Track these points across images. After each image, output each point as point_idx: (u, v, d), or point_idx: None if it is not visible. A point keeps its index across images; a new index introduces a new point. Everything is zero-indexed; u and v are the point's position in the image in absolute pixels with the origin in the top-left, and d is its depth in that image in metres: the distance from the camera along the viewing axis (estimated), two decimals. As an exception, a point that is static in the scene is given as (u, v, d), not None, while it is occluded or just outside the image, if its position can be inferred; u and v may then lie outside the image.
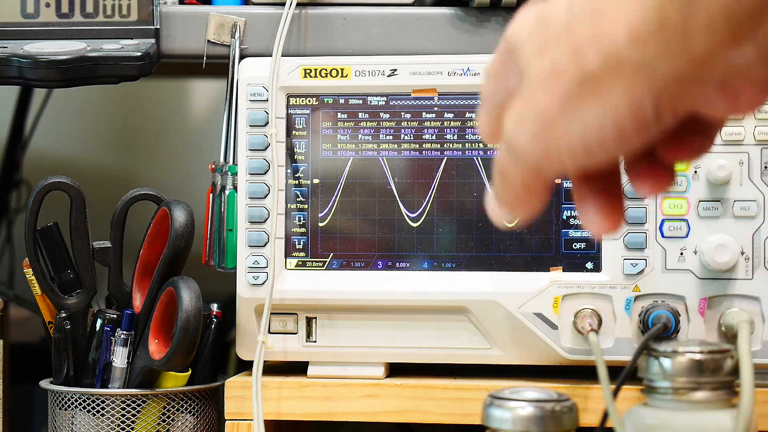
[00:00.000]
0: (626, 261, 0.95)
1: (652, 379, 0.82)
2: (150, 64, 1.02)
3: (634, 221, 0.95)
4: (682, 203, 0.95)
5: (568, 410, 0.82)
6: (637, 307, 0.95)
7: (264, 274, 0.98)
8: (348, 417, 0.97)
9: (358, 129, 0.99)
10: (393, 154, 0.99)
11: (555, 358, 0.96)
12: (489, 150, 0.98)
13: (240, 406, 0.97)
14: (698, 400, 0.81)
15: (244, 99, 0.99)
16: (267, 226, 0.98)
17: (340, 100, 0.99)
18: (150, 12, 1.06)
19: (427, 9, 1.08)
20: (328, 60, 1.00)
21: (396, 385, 0.96)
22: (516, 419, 0.80)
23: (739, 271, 0.94)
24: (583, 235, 0.97)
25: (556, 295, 0.95)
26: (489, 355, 0.97)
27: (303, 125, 1.00)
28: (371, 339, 0.98)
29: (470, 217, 0.98)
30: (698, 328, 0.94)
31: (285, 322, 0.99)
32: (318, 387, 0.97)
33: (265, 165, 0.98)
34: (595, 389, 0.94)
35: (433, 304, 0.97)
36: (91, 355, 1.01)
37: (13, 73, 1.01)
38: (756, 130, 0.94)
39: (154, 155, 1.76)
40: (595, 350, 0.90)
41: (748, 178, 0.94)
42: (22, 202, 1.57)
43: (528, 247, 0.97)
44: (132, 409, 0.99)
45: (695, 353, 0.81)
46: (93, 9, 1.06)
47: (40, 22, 1.05)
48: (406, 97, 0.99)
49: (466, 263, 0.98)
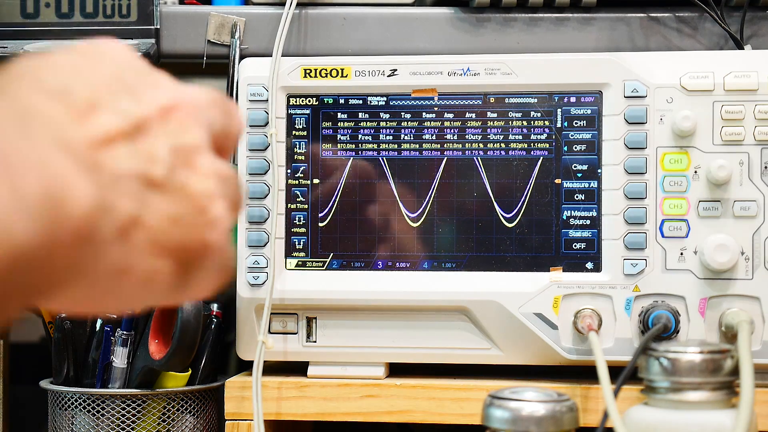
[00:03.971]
0: (626, 261, 0.95)
1: (652, 379, 0.83)
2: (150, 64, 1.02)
3: (634, 221, 0.95)
4: (682, 203, 0.95)
5: (568, 410, 0.82)
6: (637, 307, 0.95)
7: (264, 274, 0.98)
8: (348, 417, 0.97)
9: (358, 129, 0.99)
10: (393, 154, 0.99)
11: (555, 358, 0.96)
12: (489, 150, 0.98)
13: (240, 406, 0.97)
14: (698, 400, 0.81)
15: (244, 99, 0.99)
16: (267, 226, 0.98)
17: (340, 100, 0.99)
18: (150, 12, 1.06)
19: (427, 9, 1.08)
20: (328, 60, 1.00)
21: (396, 385, 0.96)
22: (516, 419, 0.80)
23: (739, 271, 0.94)
24: (583, 235, 0.97)
25: (556, 295, 0.96)
26: (489, 355, 0.97)
27: (303, 125, 1.00)
28: (371, 339, 0.98)
29: (470, 217, 0.98)
30: (698, 328, 0.94)
31: (285, 322, 0.99)
32: (318, 387, 0.97)
33: (265, 165, 0.98)
34: (595, 389, 0.94)
35: (433, 304, 0.97)
36: (91, 355, 1.01)
37: (13, 73, 1.01)
38: (756, 130, 0.94)
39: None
40: (595, 350, 0.90)
41: (748, 178, 0.94)
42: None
43: (528, 247, 0.97)
44: (132, 409, 0.99)
45: (695, 353, 0.81)
46: (93, 9, 1.06)
47: (40, 22, 1.05)
48: (406, 97, 0.99)
49: (466, 263, 0.98)
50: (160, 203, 0.52)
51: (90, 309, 0.56)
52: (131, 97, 0.53)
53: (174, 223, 0.53)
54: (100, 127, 0.50)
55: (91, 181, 0.48)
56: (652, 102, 0.95)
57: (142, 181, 0.51)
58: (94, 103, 0.51)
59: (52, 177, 0.45)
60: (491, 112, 0.98)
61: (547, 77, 0.97)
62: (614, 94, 0.96)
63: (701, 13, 1.05)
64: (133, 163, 0.50)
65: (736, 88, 0.94)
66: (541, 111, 0.98)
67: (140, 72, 0.56)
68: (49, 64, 0.53)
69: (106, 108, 0.51)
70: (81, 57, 0.54)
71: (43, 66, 0.53)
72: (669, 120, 0.95)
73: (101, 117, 0.51)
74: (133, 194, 0.50)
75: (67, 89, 0.51)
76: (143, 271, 0.52)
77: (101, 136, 0.50)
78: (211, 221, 0.54)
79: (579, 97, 0.97)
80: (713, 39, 1.06)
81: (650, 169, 0.95)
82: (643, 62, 0.96)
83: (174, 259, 0.53)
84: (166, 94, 0.55)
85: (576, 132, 0.97)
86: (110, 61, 0.55)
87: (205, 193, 0.54)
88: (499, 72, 0.98)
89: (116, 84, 0.53)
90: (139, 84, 0.54)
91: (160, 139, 0.53)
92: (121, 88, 0.53)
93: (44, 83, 0.51)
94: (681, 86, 0.95)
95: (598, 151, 0.96)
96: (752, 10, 1.05)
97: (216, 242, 0.55)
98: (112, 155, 0.50)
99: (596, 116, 0.97)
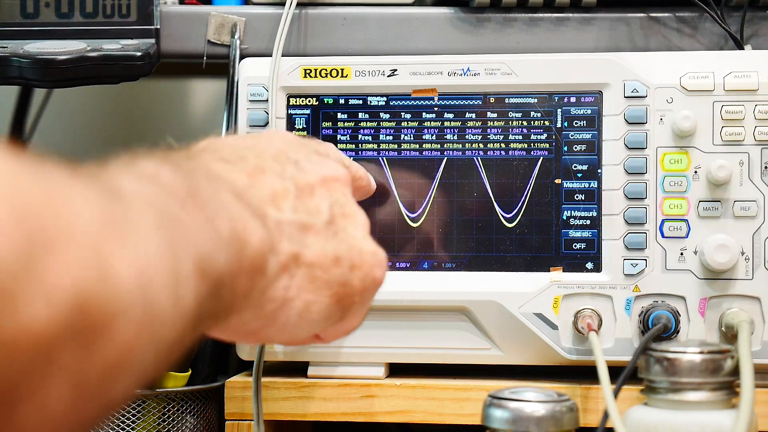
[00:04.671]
0: (626, 261, 0.95)
1: (652, 379, 0.83)
2: (150, 64, 1.02)
3: (634, 221, 0.95)
4: (682, 203, 0.95)
5: (568, 410, 0.82)
6: (637, 307, 0.95)
7: (264, 274, 0.98)
8: (348, 417, 0.97)
9: (358, 129, 0.99)
10: (393, 154, 0.99)
11: (555, 358, 0.96)
12: (489, 150, 0.98)
13: (240, 406, 0.97)
14: (698, 400, 0.81)
15: (244, 99, 0.99)
16: (267, 226, 0.98)
17: (340, 100, 0.99)
18: (150, 12, 1.05)
19: (427, 9, 1.08)
20: (328, 60, 1.00)
21: (396, 385, 0.96)
22: (516, 419, 0.80)
23: (739, 271, 0.94)
24: (583, 236, 0.97)
25: (556, 295, 0.95)
26: (489, 355, 0.97)
27: (303, 125, 1.00)
28: (371, 339, 0.98)
29: (470, 217, 0.98)
30: (698, 328, 0.94)
31: (285, 322, 0.99)
32: (318, 387, 0.97)
33: (265, 165, 0.98)
34: (595, 389, 0.94)
35: (433, 304, 0.97)
36: (91, 355, 1.00)
37: (13, 73, 1.01)
38: (756, 130, 0.94)
39: (154, 155, 1.76)
40: (595, 350, 0.90)
41: (748, 178, 0.94)
42: (22, 202, 1.56)
43: (528, 247, 0.97)
44: (132, 409, 0.99)
45: (695, 353, 0.81)
46: (93, 9, 1.06)
47: (40, 22, 1.05)
48: (406, 97, 0.99)
49: (466, 263, 0.98)
50: (321, 246, 0.63)
51: (255, 337, 0.68)
52: (295, 167, 0.65)
53: (335, 263, 0.64)
54: (267, 186, 0.62)
55: (261, 225, 0.57)
56: (652, 102, 0.95)
57: (303, 227, 0.62)
58: (264, 168, 0.62)
59: (236, 220, 0.54)
60: (491, 112, 0.98)
61: (547, 77, 0.97)
62: (614, 94, 0.96)
63: (701, 13, 1.05)
64: (295, 215, 0.62)
65: (736, 88, 0.94)
66: (541, 111, 0.98)
67: (307, 149, 0.69)
68: (226, 143, 0.66)
69: (272, 173, 0.63)
70: (253, 138, 0.68)
71: (220, 143, 0.65)
72: (669, 120, 0.95)
73: (268, 178, 0.62)
74: (294, 238, 0.61)
75: (242, 159, 0.62)
76: (302, 302, 0.62)
77: (268, 193, 0.61)
78: (365, 262, 0.67)
79: (579, 97, 0.97)
80: (713, 39, 1.06)
81: (650, 169, 0.95)
82: (643, 62, 0.96)
83: (332, 294, 0.63)
84: (328, 168, 0.67)
85: (576, 132, 0.97)
86: (279, 140, 0.68)
87: (359, 237, 0.66)
88: (499, 72, 0.98)
89: (282, 156, 0.65)
90: (302, 158, 0.67)
91: (322, 199, 0.65)
92: (285, 159, 0.65)
93: (223, 154, 0.62)
94: (681, 86, 0.95)
95: (598, 151, 0.96)
96: (752, 10, 1.05)
97: (368, 281, 0.68)
98: (277, 207, 0.61)
99: (596, 116, 0.97)
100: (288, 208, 0.62)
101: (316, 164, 0.67)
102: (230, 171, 0.60)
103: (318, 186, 0.65)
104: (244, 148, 0.64)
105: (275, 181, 0.62)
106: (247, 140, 0.67)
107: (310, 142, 0.72)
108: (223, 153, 0.62)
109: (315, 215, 0.63)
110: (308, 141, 0.72)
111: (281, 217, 0.61)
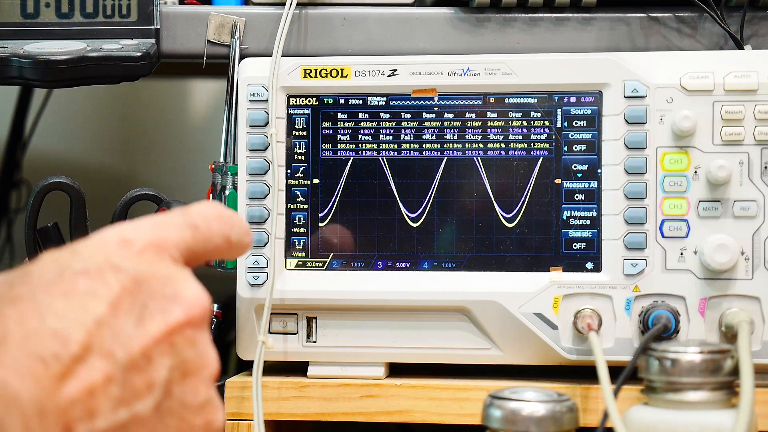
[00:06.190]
0: (626, 261, 0.95)
1: (652, 379, 0.83)
2: (150, 64, 1.03)
3: (634, 221, 0.95)
4: (682, 203, 0.95)
5: (568, 410, 0.82)
6: (637, 307, 0.95)
7: (264, 274, 0.98)
8: (348, 417, 0.97)
9: (358, 129, 0.99)
10: (393, 154, 0.99)
11: (555, 358, 0.96)
12: (489, 150, 0.98)
13: (240, 406, 0.97)
14: (698, 400, 0.81)
15: (244, 99, 0.99)
16: (267, 226, 0.98)
17: (340, 100, 0.99)
18: (150, 12, 1.06)
19: (427, 9, 1.08)
20: (328, 60, 1.00)
21: (396, 385, 0.96)
22: (516, 419, 0.80)
23: (739, 271, 0.94)
24: (583, 235, 0.97)
25: (556, 295, 0.96)
26: (489, 355, 0.97)
27: (303, 125, 1.00)
28: (371, 339, 0.98)
29: (470, 217, 0.98)
30: (698, 328, 0.94)
31: (285, 322, 0.99)
32: (318, 387, 0.97)
33: (265, 165, 0.98)
34: (595, 389, 0.94)
35: (433, 304, 0.97)
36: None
37: (13, 73, 1.01)
38: (756, 130, 0.94)
39: (154, 155, 1.76)
40: (595, 350, 0.90)
41: (748, 178, 0.94)
42: (22, 202, 1.57)
43: (528, 247, 0.97)
44: (132, 409, 0.98)
45: (695, 353, 0.81)
46: (93, 9, 1.06)
47: (40, 22, 1.05)
48: (406, 97, 0.99)
49: (466, 263, 0.98)
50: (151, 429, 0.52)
51: None
52: (135, 321, 0.52)
53: None
54: (81, 382, 0.49)
55: None
56: (652, 102, 0.95)
57: (123, 428, 0.50)
58: (90, 345, 0.50)
59: None
60: (491, 112, 0.98)
61: (547, 77, 0.97)
62: (614, 94, 0.96)
63: (701, 13, 1.05)
64: (114, 415, 0.50)
65: (736, 88, 0.94)
66: (541, 111, 0.98)
67: (152, 288, 0.54)
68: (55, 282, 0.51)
69: (98, 352, 0.50)
70: (86, 278, 0.52)
71: (50, 283, 0.51)
72: (669, 120, 0.95)
73: (89, 365, 0.49)
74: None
75: (62, 334, 0.49)
76: None
77: (83, 392, 0.49)
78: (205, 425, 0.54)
79: (579, 97, 0.97)
80: (713, 39, 1.06)
81: (650, 169, 0.95)
82: (643, 62, 0.96)
83: None
84: (178, 310, 0.53)
85: (576, 132, 0.97)
86: (118, 282, 0.52)
87: (194, 408, 0.54)
88: (499, 72, 0.98)
89: (121, 306, 0.52)
90: (149, 301, 0.53)
91: (160, 366, 0.52)
92: (126, 310, 0.52)
93: (43, 317, 0.49)
94: (681, 86, 0.95)
95: (598, 151, 0.96)
96: (752, 10, 1.05)
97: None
98: (90, 414, 0.49)
99: (596, 116, 0.97)
100: (106, 407, 0.49)
101: (162, 312, 0.53)
102: (35, 367, 0.48)
103: (160, 344, 0.52)
104: (71, 306, 0.50)
105: (98, 366, 0.49)
106: (80, 283, 0.51)
107: (160, 267, 0.55)
108: (45, 314, 0.49)
109: (144, 398, 0.51)
110: (157, 267, 0.55)
111: (94, 428, 0.49)
